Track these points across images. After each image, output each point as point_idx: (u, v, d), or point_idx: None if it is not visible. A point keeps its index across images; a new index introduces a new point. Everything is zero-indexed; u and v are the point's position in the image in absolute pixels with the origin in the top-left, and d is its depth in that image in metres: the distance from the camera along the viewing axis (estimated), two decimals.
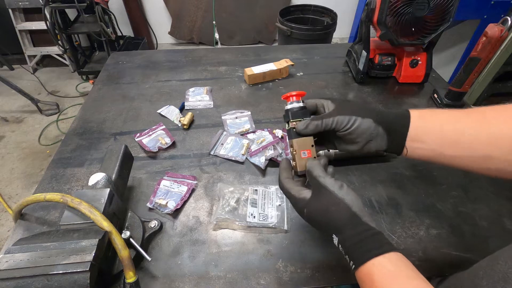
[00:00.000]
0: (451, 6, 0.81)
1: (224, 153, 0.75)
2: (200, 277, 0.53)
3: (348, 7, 2.86)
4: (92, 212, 0.46)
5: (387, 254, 0.34)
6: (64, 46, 2.32)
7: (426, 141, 0.41)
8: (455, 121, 0.40)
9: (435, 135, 0.40)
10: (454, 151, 0.39)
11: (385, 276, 0.33)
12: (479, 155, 0.38)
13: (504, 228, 0.60)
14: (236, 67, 1.08)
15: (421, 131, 0.41)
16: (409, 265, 0.34)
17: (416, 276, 0.33)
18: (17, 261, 0.40)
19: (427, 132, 0.41)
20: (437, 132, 0.40)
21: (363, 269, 0.34)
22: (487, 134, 0.38)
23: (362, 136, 0.43)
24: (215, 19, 2.54)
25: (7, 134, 2.15)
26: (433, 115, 0.42)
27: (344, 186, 0.39)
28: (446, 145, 0.40)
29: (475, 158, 0.39)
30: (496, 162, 0.38)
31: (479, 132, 0.38)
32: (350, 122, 0.42)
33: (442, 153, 0.40)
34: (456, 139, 0.39)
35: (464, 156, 0.39)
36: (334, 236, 0.38)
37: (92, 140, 0.80)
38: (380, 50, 0.97)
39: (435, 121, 0.41)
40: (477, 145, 0.38)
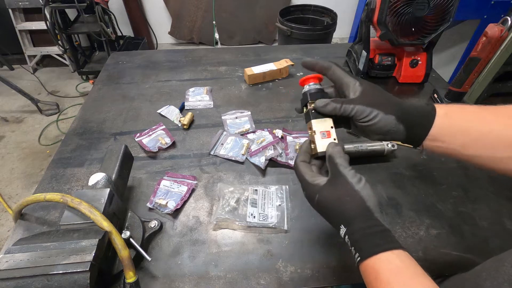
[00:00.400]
0: (451, 6, 0.81)
1: (224, 153, 0.75)
2: (200, 277, 0.53)
3: (348, 7, 2.86)
4: (92, 212, 0.46)
5: (395, 251, 0.34)
6: (64, 46, 2.32)
7: (447, 141, 0.40)
8: (482, 121, 0.39)
9: (458, 136, 0.39)
10: (475, 151, 0.39)
11: (390, 271, 0.33)
12: (501, 156, 0.38)
13: (504, 228, 0.60)
14: (236, 67, 1.08)
15: (445, 132, 0.40)
16: (415, 263, 0.34)
17: (421, 274, 0.33)
18: (17, 261, 0.40)
19: (450, 133, 0.39)
20: (462, 133, 0.39)
21: (369, 262, 0.34)
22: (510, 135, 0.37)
23: (380, 130, 0.41)
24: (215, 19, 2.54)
25: (7, 134, 2.15)
26: (460, 113, 0.40)
27: (362, 180, 0.39)
28: (468, 145, 0.39)
29: (497, 159, 0.38)
30: None
31: (505, 134, 0.37)
32: (371, 115, 0.40)
33: (461, 153, 0.39)
34: (479, 140, 0.38)
35: (485, 156, 0.39)
36: (342, 226, 0.37)
37: (92, 140, 0.80)
38: (380, 50, 0.97)
39: (461, 120, 0.39)
40: (500, 146, 0.37)
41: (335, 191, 0.38)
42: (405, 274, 0.33)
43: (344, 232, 0.37)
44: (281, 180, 0.69)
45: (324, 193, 0.39)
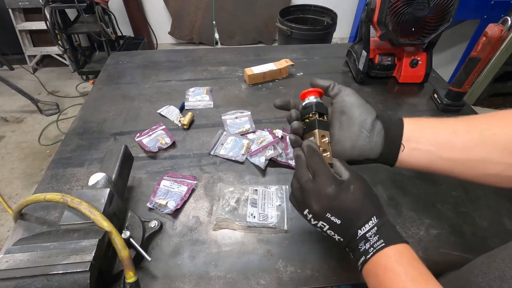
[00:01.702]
0: (451, 6, 0.81)
1: (224, 153, 0.75)
2: (200, 277, 0.53)
3: (348, 7, 2.86)
4: (92, 212, 0.46)
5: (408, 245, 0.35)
6: (64, 46, 2.32)
7: (421, 142, 0.40)
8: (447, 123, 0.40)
9: (429, 135, 0.40)
10: (450, 153, 0.39)
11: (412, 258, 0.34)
12: (476, 158, 0.38)
13: (504, 228, 0.60)
14: (236, 67, 1.08)
15: (416, 133, 0.41)
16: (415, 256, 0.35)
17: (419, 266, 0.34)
18: (17, 261, 0.40)
19: (421, 133, 0.41)
20: (431, 133, 0.40)
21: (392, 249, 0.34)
22: (479, 135, 0.38)
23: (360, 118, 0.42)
24: (215, 19, 2.55)
25: (7, 134, 2.15)
26: (423, 119, 0.42)
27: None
28: (441, 146, 0.39)
29: (472, 162, 0.38)
30: (494, 166, 0.37)
31: (471, 133, 0.38)
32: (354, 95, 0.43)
33: (439, 156, 0.40)
34: (450, 140, 0.39)
35: (460, 160, 0.39)
36: (374, 218, 0.36)
37: (92, 140, 0.80)
38: (380, 50, 0.97)
39: (426, 123, 0.41)
40: (471, 147, 0.38)
41: (364, 185, 0.38)
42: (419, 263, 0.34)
43: (373, 224, 0.35)
44: (281, 180, 0.69)
45: (357, 186, 0.37)
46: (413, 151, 0.41)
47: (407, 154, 0.41)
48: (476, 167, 0.38)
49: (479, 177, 0.39)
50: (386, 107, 0.91)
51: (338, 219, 0.37)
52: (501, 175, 0.38)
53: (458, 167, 0.39)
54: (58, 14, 2.16)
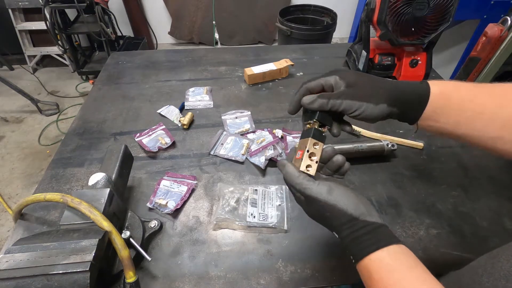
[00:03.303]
0: (451, 6, 0.81)
1: (224, 153, 0.75)
2: (200, 277, 0.53)
3: (348, 7, 2.86)
4: (92, 212, 0.46)
5: (385, 248, 0.33)
6: (64, 46, 2.32)
7: (441, 121, 0.39)
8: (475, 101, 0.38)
9: (452, 116, 0.39)
10: (466, 131, 0.39)
11: (382, 270, 0.33)
12: (491, 136, 0.38)
13: (504, 228, 0.60)
14: (236, 67, 1.08)
15: (439, 111, 0.39)
16: (409, 255, 0.34)
17: (415, 266, 0.33)
18: (17, 261, 0.40)
19: (444, 113, 0.39)
20: (455, 113, 0.39)
21: (362, 264, 0.34)
22: (502, 116, 0.37)
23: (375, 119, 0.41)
24: (215, 19, 2.54)
25: (7, 134, 2.15)
26: (454, 91, 0.39)
27: (333, 189, 0.37)
28: (460, 125, 0.39)
29: (486, 139, 0.38)
30: (505, 143, 0.37)
31: (496, 114, 0.37)
32: (360, 109, 0.39)
33: (453, 132, 0.40)
34: (472, 120, 0.38)
35: (475, 136, 0.39)
36: (335, 233, 0.38)
37: (92, 140, 0.80)
38: (380, 50, 0.97)
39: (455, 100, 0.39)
40: (490, 127, 0.38)
41: (315, 210, 0.39)
42: (397, 270, 0.32)
43: (338, 238, 0.38)
44: (281, 180, 0.69)
45: (308, 212, 0.40)
46: (427, 127, 0.41)
47: (421, 126, 0.41)
48: (489, 142, 0.38)
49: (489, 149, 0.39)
50: None
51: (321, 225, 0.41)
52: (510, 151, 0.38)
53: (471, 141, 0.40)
54: (58, 14, 2.16)
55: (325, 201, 0.36)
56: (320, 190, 0.37)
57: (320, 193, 0.37)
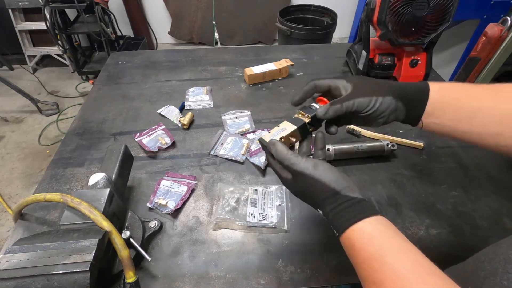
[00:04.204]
0: (451, 6, 0.81)
1: (224, 153, 0.75)
2: (200, 277, 0.53)
3: (348, 7, 2.86)
4: (92, 212, 0.46)
5: (367, 219, 0.35)
6: (64, 46, 2.32)
7: (441, 117, 0.41)
8: (472, 97, 0.40)
9: (451, 112, 0.41)
10: (467, 127, 0.40)
11: (363, 239, 0.34)
12: (491, 132, 0.39)
13: (504, 228, 0.60)
14: (236, 67, 1.08)
15: (438, 106, 0.41)
16: (390, 226, 0.35)
17: (395, 235, 0.34)
18: (17, 261, 0.40)
19: (443, 108, 0.41)
20: (454, 108, 0.41)
21: (344, 236, 0.36)
22: (500, 112, 0.38)
23: (383, 113, 0.43)
24: (215, 19, 2.54)
25: (7, 134, 2.15)
26: (452, 89, 0.42)
27: (318, 165, 0.39)
28: (460, 122, 0.40)
29: (487, 135, 0.39)
30: (506, 139, 0.38)
31: (493, 109, 0.39)
32: (371, 103, 0.42)
33: (455, 129, 0.41)
34: (471, 116, 0.40)
35: (476, 133, 0.40)
36: (319, 210, 0.40)
37: (92, 140, 0.80)
38: (380, 50, 0.97)
39: (453, 96, 0.41)
40: (490, 123, 0.39)
41: (300, 186, 0.41)
42: (378, 239, 0.34)
43: (321, 214, 0.39)
44: None
45: (293, 188, 0.42)
46: (431, 124, 0.43)
47: (425, 126, 0.43)
48: (490, 139, 0.39)
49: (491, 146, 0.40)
50: None
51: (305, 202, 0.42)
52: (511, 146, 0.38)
53: (472, 137, 0.41)
54: (58, 14, 2.16)
55: (311, 176, 0.39)
56: (306, 165, 0.39)
57: (307, 168, 0.39)
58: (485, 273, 0.35)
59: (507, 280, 0.31)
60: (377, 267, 0.32)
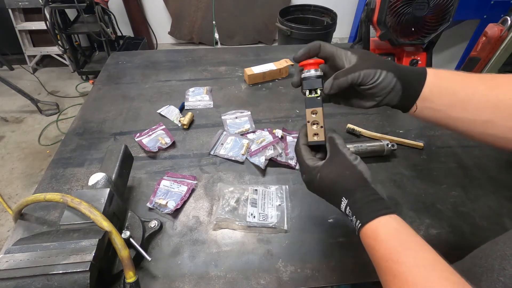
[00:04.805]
0: (451, 6, 0.81)
1: (224, 153, 0.75)
2: (200, 277, 0.53)
3: (348, 7, 2.86)
4: (92, 212, 0.46)
5: (392, 215, 0.36)
6: (64, 46, 2.32)
7: (435, 102, 0.41)
8: (468, 83, 0.41)
9: (445, 97, 0.41)
10: (460, 113, 0.40)
11: (389, 232, 0.35)
12: (482, 119, 0.39)
13: (504, 228, 0.60)
14: (236, 67, 1.08)
15: (434, 91, 0.41)
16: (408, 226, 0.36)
17: (415, 235, 0.35)
18: (17, 261, 0.40)
19: (439, 93, 0.41)
20: (449, 93, 0.41)
21: (369, 226, 0.36)
22: (493, 99, 0.38)
23: (383, 90, 0.43)
24: (215, 19, 2.54)
25: (7, 134, 2.15)
26: (448, 75, 0.42)
27: (358, 158, 0.41)
28: (454, 107, 0.40)
29: (478, 122, 0.39)
30: (496, 127, 0.38)
31: (487, 96, 0.39)
32: (376, 75, 0.41)
33: (448, 115, 0.41)
34: (465, 102, 0.40)
35: (468, 119, 0.40)
36: (344, 198, 0.39)
37: (92, 140, 0.80)
38: (380, 50, 0.97)
39: (449, 81, 0.41)
40: (482, 109, 0.39)
41: (336, 165, 0.41)
42: (401, 234, 0.35)
43: (345, 204, 0.39)
44: (281, 180, 0.69)
45: (326, 170, 0.41)
46: (424, 109, 0.43)
47: (418, 110, 0.43)
48: (481, 126, 0.40)
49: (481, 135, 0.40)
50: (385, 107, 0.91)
51: (323, 198, 0.43)
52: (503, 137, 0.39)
53: (463, 125, 0.41)
54: (58, 14, 2.16)
55: (351, 161, 0.41)
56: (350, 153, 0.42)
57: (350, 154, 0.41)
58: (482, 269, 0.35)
59: (504, 276, 0.31)
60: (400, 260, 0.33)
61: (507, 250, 0.33)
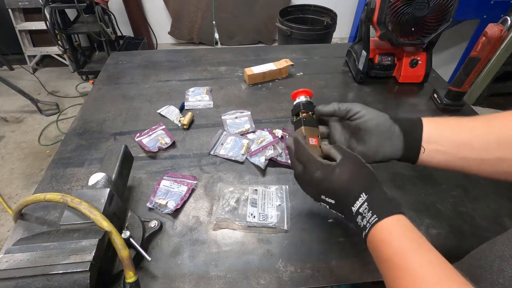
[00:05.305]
0: (451, 6, 0.81)
1: (224, 153, 0.75)
2: (200, 277, 0.53)
3: (348, 7, 2.86)
4: (92, 212, 0.46)
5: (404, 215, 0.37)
6: (64, 46, 2.32)
7: (441, 143, 0.42)
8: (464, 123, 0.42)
9: (449, 137, 0.42)
10: (468, 153, 0.41)
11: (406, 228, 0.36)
12: (492, 157, 0.40)
13: (504, 228, 0.60)
14: (236, 67, 1.08)
15: (435, 134, 0.42)
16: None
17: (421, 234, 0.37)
18: (17, 261, 0.40)
19: (440, 134, 0.42)
20: (450, 134, 0.42)
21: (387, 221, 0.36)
22: (495, 136, 0.39)
23: (378, 129, 0.44)
24: (215, 19, 2.54)
25: (7, 134, 2.15)
26: (442, 119, 0.44)
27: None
28: (460, 148, 0.41)
29: (488, 161, 0.40)
30: (508, 163, 0.39)
31: (488, 134, 0.40)
32: (365, 109, 0.45)
33: (457, 156, 0.41)
34: (468, 140, 0.41)
35: (478, 159, 0.40)
36: (363, 194, 0.39)
37: (92, 140, 0.80)
38: (380, 50, 0.97)
39: (446, 123, 0.43)
40: (488, 147, 0.40)
41: (353, 165, 0.41)
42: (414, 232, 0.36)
43: (364, 200, 0.38)
44: (281, 180, 0.69)
45: (343, 166, 0.41)
46: (432, 152, 0.43)
47: (427, 155, 0.43)
48: (492, 165, 0.40)
49: (493, 174, 0.41)
50: (385, 107, 0.91)
51: (332, 199, 0.42)
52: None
53: (475, 165, 0.41)
54: (58, 14, 2.16)
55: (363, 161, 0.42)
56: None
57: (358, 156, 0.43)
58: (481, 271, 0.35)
59: (503, 278, 0.32)
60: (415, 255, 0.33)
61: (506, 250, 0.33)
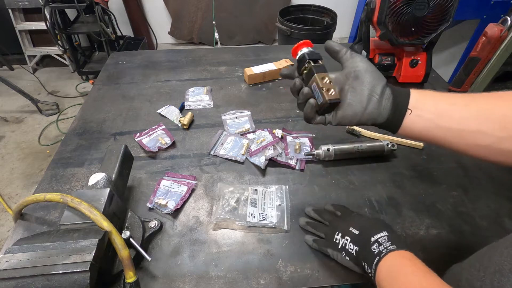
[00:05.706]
0: (451, 6, 0.81)
1: (224, 153, 0.75)
2: (200, 277, 0.53)
3: (348, 7, 2.86)
4: (92, 212, 0.46)
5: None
6: (64, 46, 2.32)
7: (423, 109, 0.42)
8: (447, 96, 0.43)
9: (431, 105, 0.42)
10: (447, 123, 0.41)
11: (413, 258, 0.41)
12: (470, 129, 0.40)
13: (504, 228, 0.60)
14: (236, 67, 1.08)
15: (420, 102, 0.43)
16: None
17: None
18: (17, 261, 0.40)
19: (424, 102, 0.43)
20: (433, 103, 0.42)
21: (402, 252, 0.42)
22: (476, 109, 0.40)
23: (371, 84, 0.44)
24: (215, 19, 2.54)
25: (7, 134, 2.15)
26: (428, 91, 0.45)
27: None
28: (440, 115, 0.41)
29: (466, 133, 0.40)
30: (485, 138, 0.39)
31: (468, 106, 0.40)
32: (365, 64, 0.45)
33: (437, 124, 0.42)
34: (448, 110, 0.41)
35: (455, 130, 0.41)
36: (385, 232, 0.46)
37: (92, 140, 0.80)
38: (380, 50, 0.97)
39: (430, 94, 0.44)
40: (467, 118, 0.40)
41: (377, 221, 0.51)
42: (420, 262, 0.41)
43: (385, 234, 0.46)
44: (281, 180, 0.69)
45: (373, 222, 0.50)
46: (415, 118, 0.43)
47: (410, 120, 0.43)
48: (468, 137, 0.40)
49: (471, 147, 0.41)
50: None
51: (357, 230, 0.49)
52: (491, 147, 0.40)
53: (452, 136, 0.42)
54: (58, 14, 2.16)
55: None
56: None
57: None
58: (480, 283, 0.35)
59: None
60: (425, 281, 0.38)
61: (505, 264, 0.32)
